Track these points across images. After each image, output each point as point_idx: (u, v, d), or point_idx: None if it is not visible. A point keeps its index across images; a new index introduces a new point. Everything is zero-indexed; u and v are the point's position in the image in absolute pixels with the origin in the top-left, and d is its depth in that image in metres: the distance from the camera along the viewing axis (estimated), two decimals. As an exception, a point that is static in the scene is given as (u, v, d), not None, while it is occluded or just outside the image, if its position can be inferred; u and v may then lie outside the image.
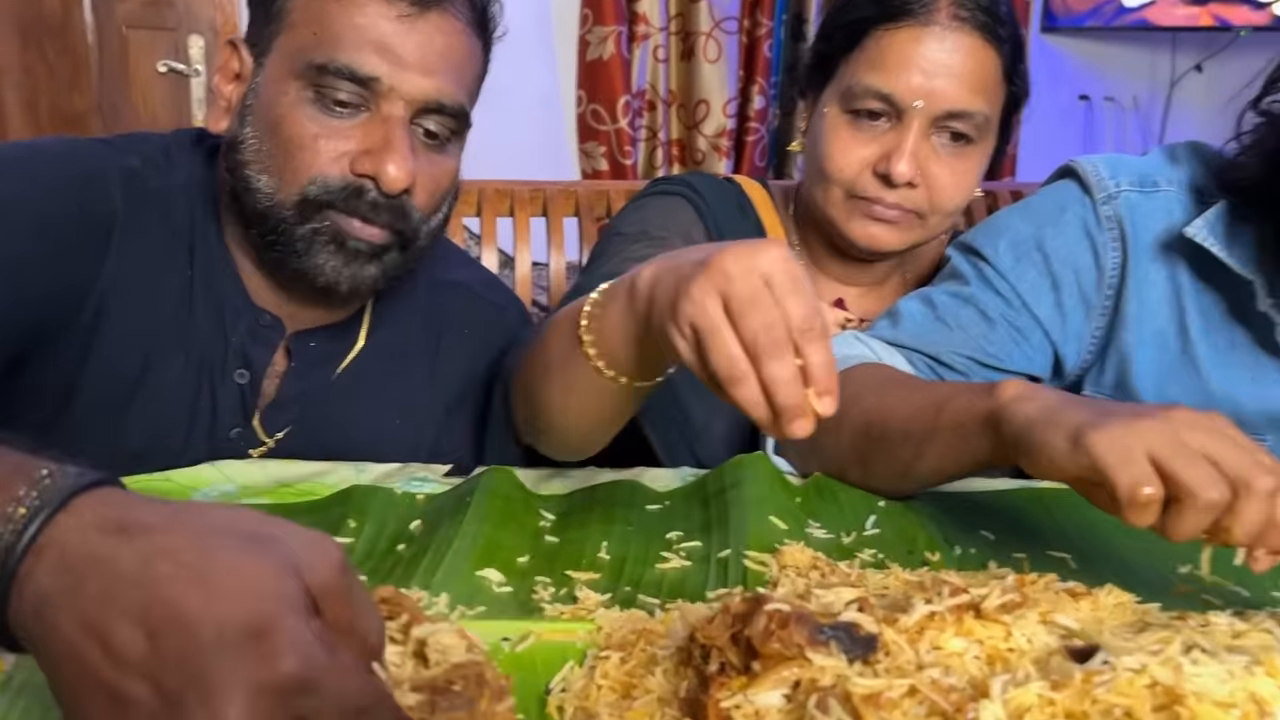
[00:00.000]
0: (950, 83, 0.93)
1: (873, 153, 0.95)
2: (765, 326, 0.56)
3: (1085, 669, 0.41)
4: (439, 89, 0.80)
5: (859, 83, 0.95)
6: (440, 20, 0.80)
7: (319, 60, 0.78)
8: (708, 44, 3.28)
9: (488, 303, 0.99)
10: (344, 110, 0.79)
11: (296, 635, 0.35)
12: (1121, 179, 0.91)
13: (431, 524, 0.72)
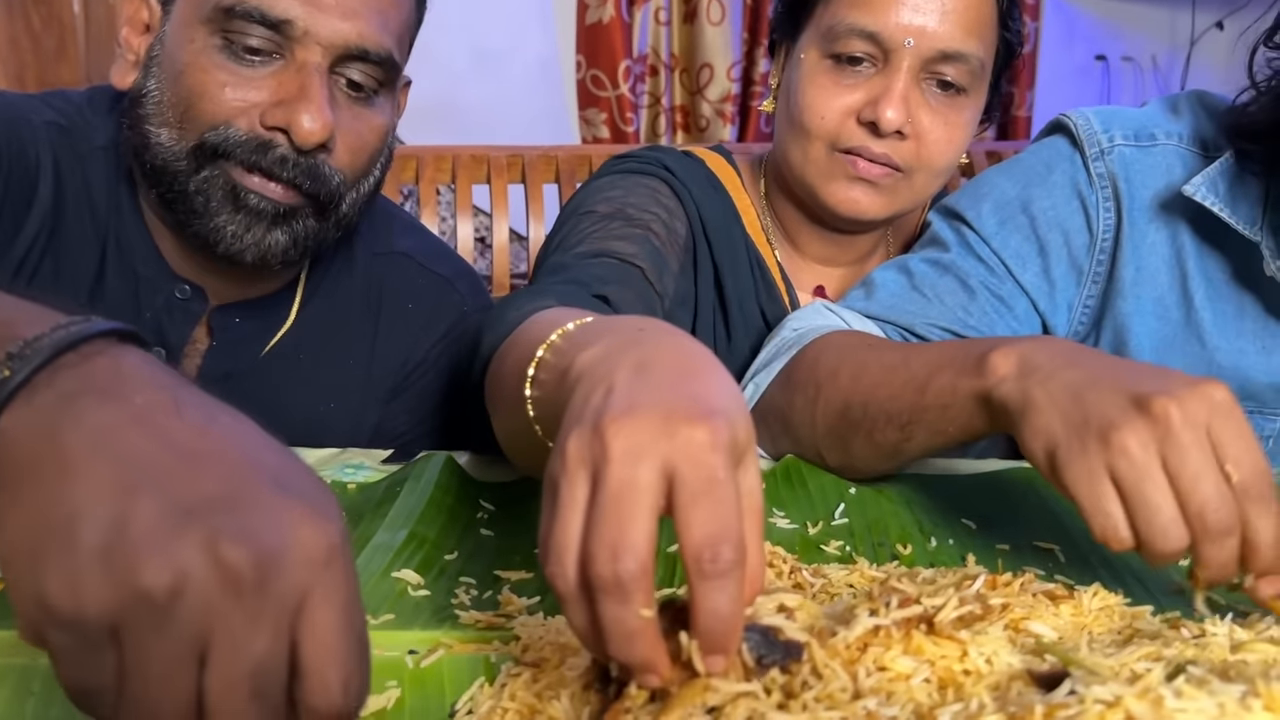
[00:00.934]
0: (942, 20, 0.84)
1: (858, 99, 0.86)
2: (610, 550, 0.37)
3: (1049, 701, 0.34)
4: (360, 33, 0.73)
5: (841, 21, 0.85)
6: None
7: (226, 2, 0.72)
8: (711, 5, 3.21)
9: (433, 274, 0.92)
10: (255, 58, 0.73)
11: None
12: (1116, 132, 0.83)
13: (355, 517, 0.65)
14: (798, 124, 0.89)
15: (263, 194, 0.74)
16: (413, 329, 0.88)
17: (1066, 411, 0.54)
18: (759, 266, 0.96)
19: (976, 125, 0.91)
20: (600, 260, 0.82)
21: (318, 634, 0.33)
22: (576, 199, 0.95)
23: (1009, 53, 0.91)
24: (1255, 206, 0.78)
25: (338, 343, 0.85)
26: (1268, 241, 0.77)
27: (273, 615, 0.32)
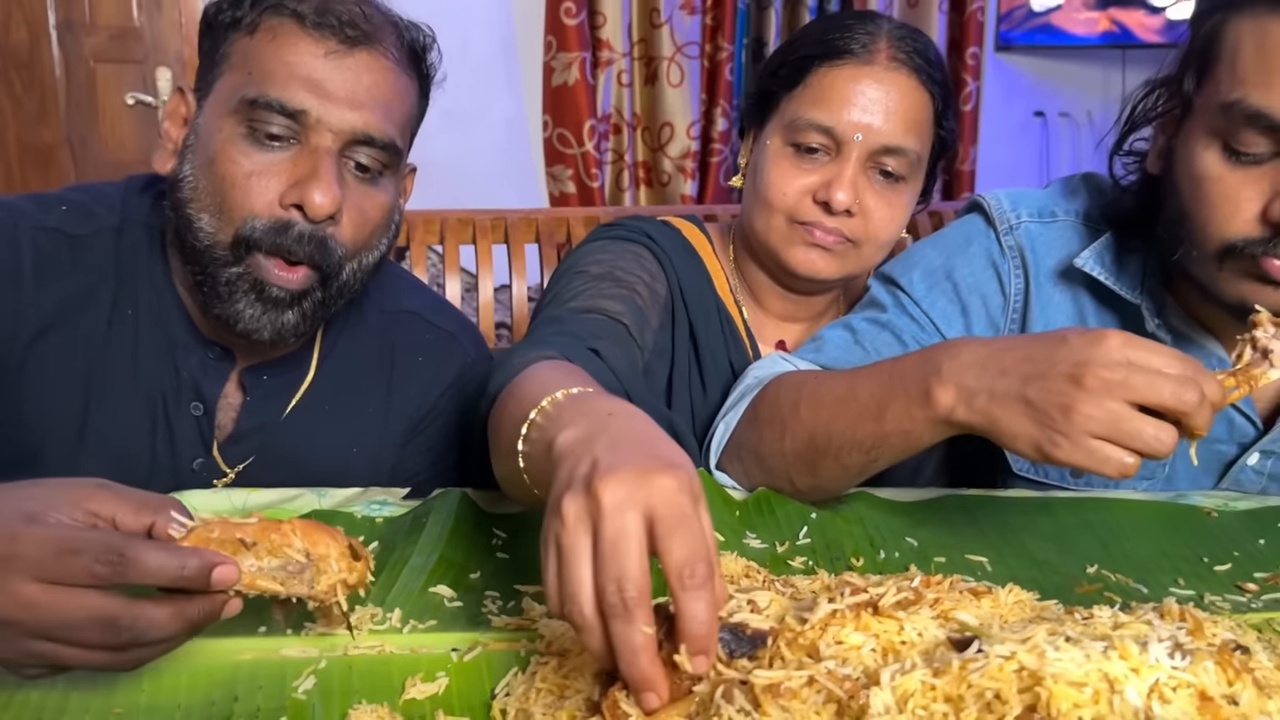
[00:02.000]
0: (886, 120, 0.99)
1: (814, 181, 1.00)
2: (616, 584, 0.48)
3: (963, 657, 0.46)
4: (366, 122, 0.84)
5: (802, 117, 1.00)
6: (369, 58, 0.85)
7: (250, 95, 0.83)
8: (670, 68, 3.34)
9: (439, 329, 1.03)
10: (275, 144, 0.83)
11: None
12: (1022, 211, 0.97)
13: (389, 545, 0.76)
14: (763, 199, 1.03)
15: (282, 285, 0.84)
16: (423, 380, 0.99)
17: (1027, 413, 0.68)
18: (728, 323, 1.09)
19: (914, 205, 1.06)
20: (591, 316, 0.94)
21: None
22: (571, 259, 1.07)
23: (943, 147, 1.06)
24: (1136, 274, 0.92)
25: (356, 394, 0.96)
26: (1147, 304, 0.91)
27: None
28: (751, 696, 0.44)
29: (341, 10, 0.84)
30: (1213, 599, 0.71)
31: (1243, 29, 0.78)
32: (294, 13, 0.83)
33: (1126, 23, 3.34)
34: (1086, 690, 0.43)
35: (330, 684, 0.58)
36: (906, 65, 0.99)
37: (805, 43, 1.03)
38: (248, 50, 0.84)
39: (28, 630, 0.51)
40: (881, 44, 0.99)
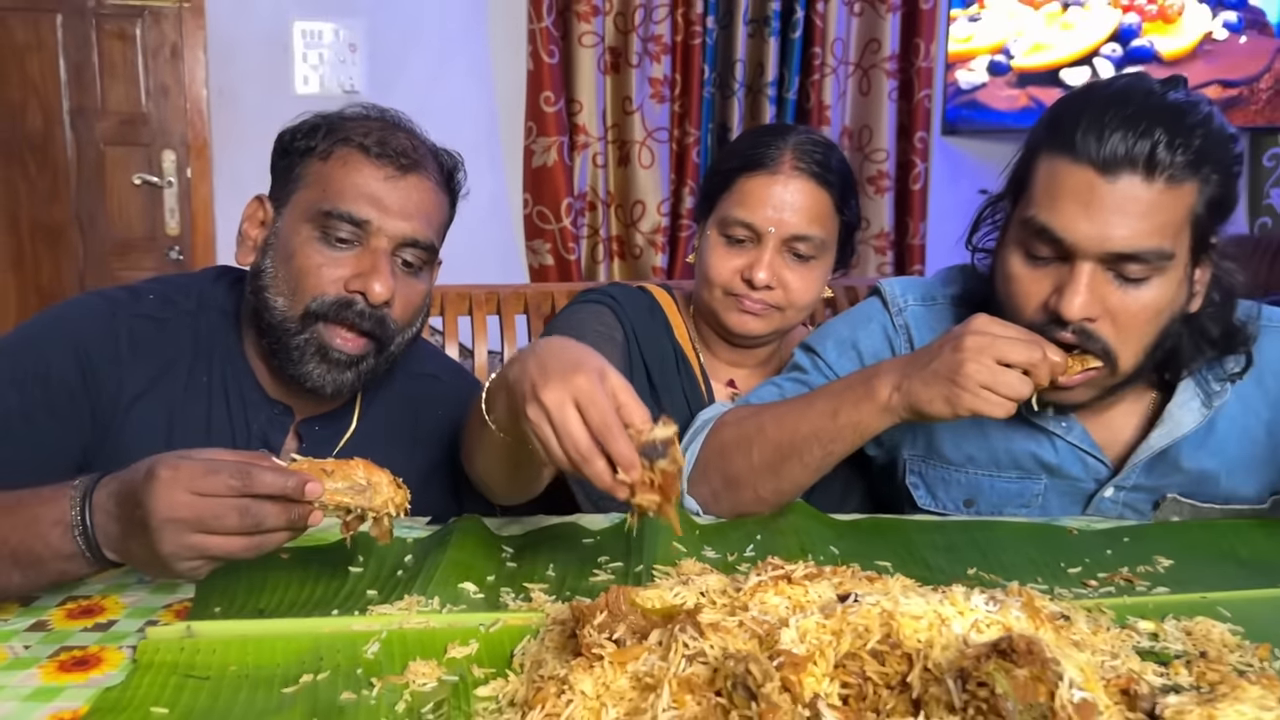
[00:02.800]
0: (793, 214, 1.26)
1: (741, 263, 1.28)
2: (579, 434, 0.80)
3: (844, 605, 0.67)
4: (414, 229, 1.06)
5: (730, 215, 1.28)
6: (416, 180, 1.07)
7: (326, 208, 1.05)
8: (642, 151, 3.59)
9: (454, 389, 1.24)
10: (343, 245, 1.05)
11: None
12: (909, 297, 1.21)
13: (421, 556, 0.96)
14: (705, 276, 1.31)
15: (343, 350, 1.05)
16: (441, 430, 1.19)
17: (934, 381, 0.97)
18: (685, 365, 1.35)
19: (829, 275, 1.32)
20: None
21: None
22: (553, 324, 1.35)
23: (849, 228, 1.32)
24: None
25: (388, 441, 1.16)
26: None
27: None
28: (699, 629, 0.65)
29: (396, 143, 1.06)
30: (1061, 591, 0.92)
31: (1041, 164, 1.01)
32: (360, 144, 1.05)
33: (1042, 99, 3.65)
34: (923, 622, 0.64)
35: (391, 648, 0.77)
36: (806, 171, 1.26)
37: (731, 157, 1.32)
38: (322, 172, 1.06)
39: (188, 525, 0.75)
40: (786, 156, 1.26)
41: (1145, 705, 0.64)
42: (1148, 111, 0.97)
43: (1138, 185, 0.97)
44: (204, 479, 0.74)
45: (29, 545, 0.80)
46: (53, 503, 0.81)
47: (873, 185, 3.82)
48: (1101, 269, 0.99)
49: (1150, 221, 0.97)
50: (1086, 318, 1.00)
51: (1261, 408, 1.12)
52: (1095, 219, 0.97)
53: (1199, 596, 0.89)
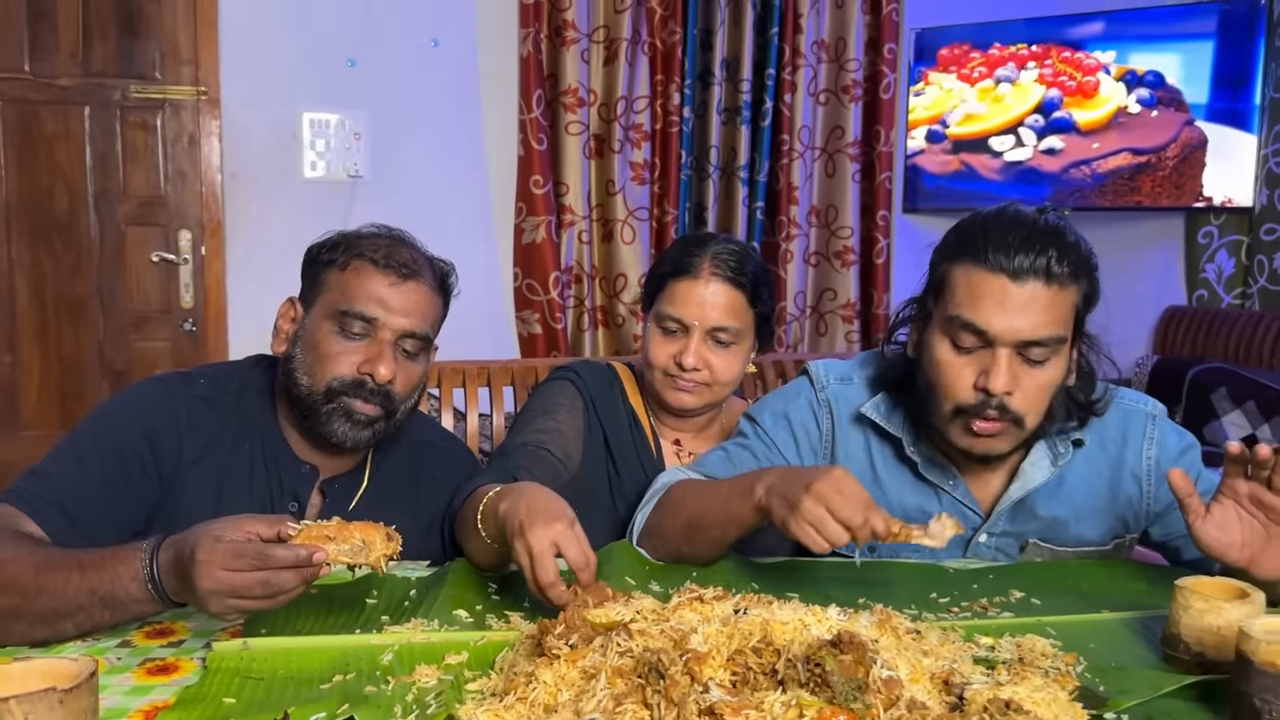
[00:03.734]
0: (712, 310, 1.54)
1: (674, 350, 1.55)
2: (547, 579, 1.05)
3: (736, 616, 0.91)
4: (412, 324, 1.33)
5: (663, 311, 1.56)
6: (415, 285, 1.34)
7: (343, 308, 1.31)
8: (624, 229, 3.87)
9: (450, 455, 1.50)
10: (355, 336, 1.31)
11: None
12: (830, 377, 1.46)
13: (423, 590, 1.20)
14: (646, 361, 1.58)
15: (363, 412, 1.31)
16: (437, 490, 1.43)
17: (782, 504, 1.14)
18: (638, 427, 1.61)
19: (749, 355, 1.59)
20: (523, 449, 1.47)
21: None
22: (531, 397, 1.62)
23: (763, 317, 1.58)
24: (900, 418, 1.40)
25: (394, 498, 1.40)
26: (907, 437, 1.39)
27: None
28: (629, 634, 0.89)
29: (399, 256, 1.33)
30: (928, 615, 1.15)
31: (958, 274, 1.28)
32: (370, 258, 1.32)
33: (971, 163, 3.99)
34: (790, 626, 0.88)
35: (402, 656, 1.01)
36: (720, 275, 1.54)
37: (664, 264, 1.60)
38: (341, 279, 1.33)
39: (225, 594, 0.98)
40: (705, 263, 1.54)
41: (956, 690, 0.88)
42: (1041, 232, 1.25)
43: (1040, 289, 1.24)
44: (233, 561, 0.97)
45: (115, 594, 1.04)
46: (128, 563, 1.05)
47: (839, 259, 4.10)
48: (1014, 355, 1.26)
49: (1050, 315, 1.25)
50: (1007, 392, 1.26)
51: (1104, 467, 1.38)
52: (1010, 315, 1.24)
53: (1034, 620, 1.13)
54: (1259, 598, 1.00)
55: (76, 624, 1.05)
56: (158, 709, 0.91)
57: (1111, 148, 3.68)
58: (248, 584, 0.97)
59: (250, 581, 0.97)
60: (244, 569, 0.97)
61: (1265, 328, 3.55)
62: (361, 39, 3.71)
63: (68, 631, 1.06)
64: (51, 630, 1.05)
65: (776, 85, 3.94)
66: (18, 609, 1.04)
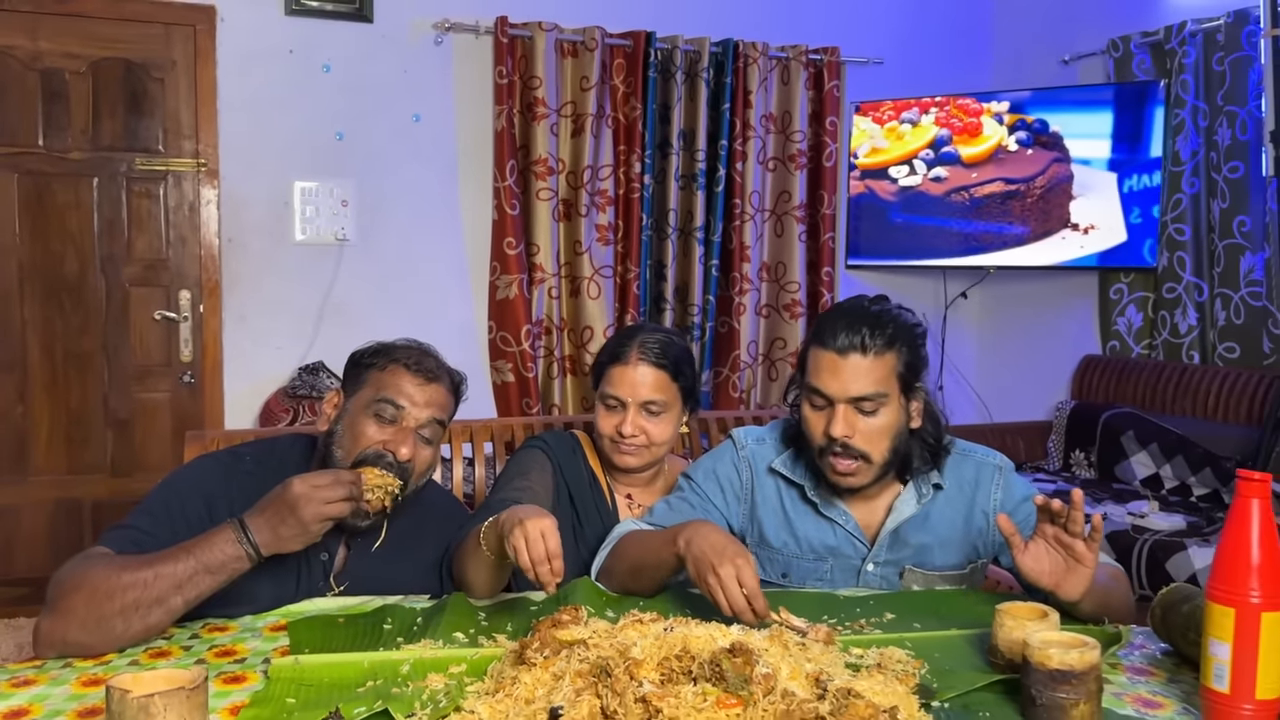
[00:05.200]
0: (642, 388, 1.88)
1: (615, 422, 1.89)
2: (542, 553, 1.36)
3: (665, 633, 1.24)
4: (432, 415, 1.67)
5: (605, 392, 1.92)
6: (436, 386, 1.69)
7: (379, 398, 1.65)
8: (590, 285, 4.21)
9: (447, 509, 1.83)
10: (385, 422, 1.65)
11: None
12: (749, 439, 1.81)
13: (428, 618, 1.53)
14: (597, 432, 1.92)
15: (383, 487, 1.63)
16: (437, 537, 1.76)
17: (698, 565, 1.46)
18: (596, 486, 1.95)
19: (680, 419, 1.94)
20: (503, 503, 1.76)
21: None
22: (505, 468, 1.94)
23: (687, 390, 1.93)
24: (803, 467, 1.75)
25: (403, 547, 1.72)
26: (808, 483, 1.75)
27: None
28: (586, 647, 1.22)
29: (426, 363, 1.69)
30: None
31: (810, 353, 1.68)
32: (404, 364, 1.67)
33: (874, 187, 4.59)
34: (703, 640, 1.22)
35: (417, 667, 1.34)
36: (646, 359, 1.89)
37: (604, 352, 1.96)
38: (379, 379, 1.67)
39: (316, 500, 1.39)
40: (634, 351, 1.90)
41: (823, 685, 1.22)
42: (860, 317, 1.64)
43: (859, 358, 1.63)
44: (318, 478, 1.43)
45: (216, 559, 1.41)
46: (223, 533, 1.43)
47: (788, 311, 4.47)
48: (850, 408, 1.63)
49: (870, 377, 1.64)
50: (845, 436, 1.63)
51: (961, 506, 1.75)
52: (840, 380, 1.64)
53: (897, 636, 1.48)
54: (1054, 618, 1.35)
55: (185, 596, 1.40)
56: (238, 708, 1.24)
57: (987, 177, 4.32)
58: (331, 491, 1.42)
59: (332, 486, 1.42)
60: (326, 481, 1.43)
61: (1167, 377, 3.95)
62: (349, 115, 4.05)
63: (178, 605, 1.41)
64: (166, 610, 1.40)
65: (729, 154, 4.33)
66: (137, 601, 1.38)
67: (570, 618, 1.35)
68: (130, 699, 1.05)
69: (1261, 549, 1.15)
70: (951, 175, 4.38)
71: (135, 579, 1.38)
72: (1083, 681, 1.18)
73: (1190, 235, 3.88)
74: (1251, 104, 3.61)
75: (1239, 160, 3.67)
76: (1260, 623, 1.14)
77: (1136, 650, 1.46)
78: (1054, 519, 1.45)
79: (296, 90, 3.98)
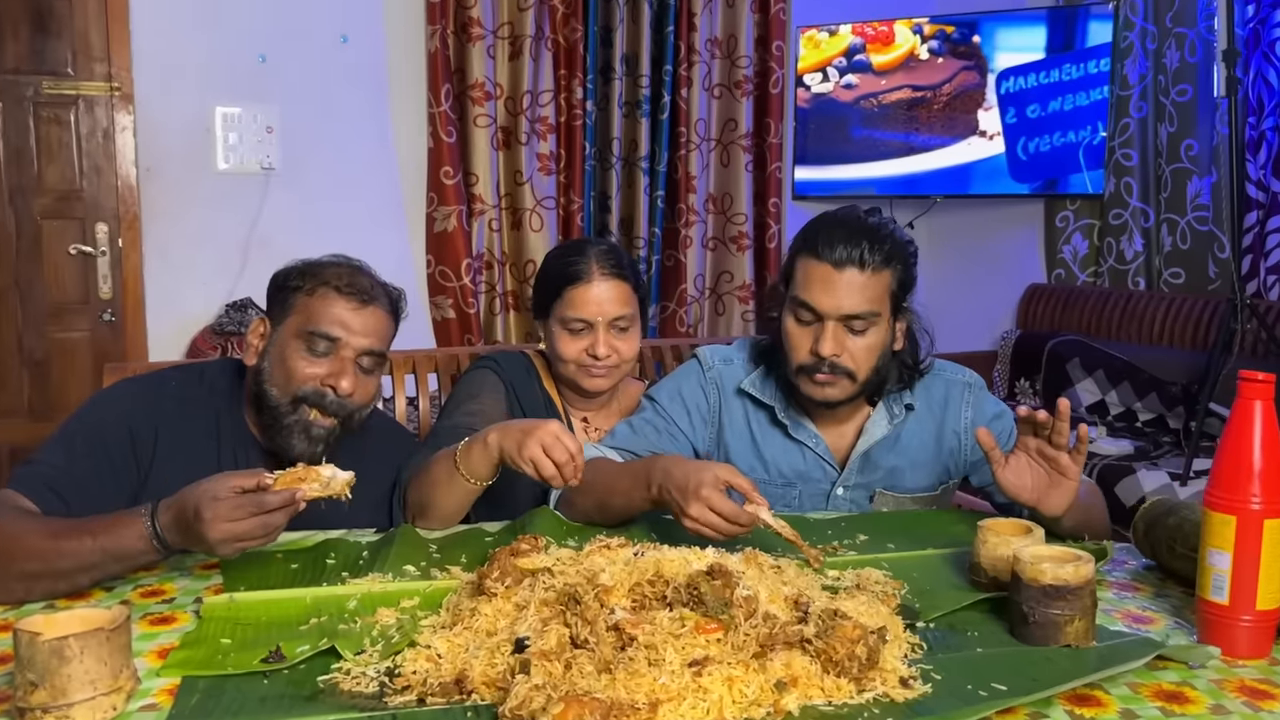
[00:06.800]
0: (609, 305, 1.76)
1: (583, 345, 1.77)
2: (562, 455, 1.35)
3: (635, 558, 1.15)
4: (370, 343, 1.54)
5: (567, 315, 1.77)
6: (373, 309, 1.55)
7: (309, 329, 1.52)
8: (532, 217, 4.07)
9: (392, 438, 1.71)
10: (320, 355, 1.51)
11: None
12: (716, 359, 1.72)
13: (375, 551, 1.42)
14: (558, 357, 1.79)
15: (321, 425, 1.51)
16: (384, 470, 1.64)
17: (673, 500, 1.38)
18: (551, 408, 1.84)
19: (641, 334, 1.82)
20: (454, 430, 1.67)
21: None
22: (459, 384, 1.83)
23: (643, 301, 1.84)
24: (773, 388, 1.67)
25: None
26: (779, 404, 1.66)
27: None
28: (551, 574, 1.13)
29: (359, 283, 1.54)
30: (791, 555, 1.42)
31: (799, 264, 1.56)
32: (334, 286, 1.53)
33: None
34: (676, 563, 1.13)
35: (365, 602, 1.23)
36: (609, 271, 1.77)
37: (554, 274, 1.81)
38: (307, 304, 1.53)
39: (231, 540, 1.21)
40: (593, 267, 1.77)
41: (803, 607, 1.14)
42: (858, 230, 1.53)
43: (855, 274, 1.52)
44: (234, 513, 1.21)
45: (124, 549, 1.26)
46: (132, 525, 1.26)
47: (735, 244, 4.38)
48: (840, 325, 1.53)
49: (865, 294, 1.54)
50: (834, 355, 1.54)
51: (931, 426, 1.68)
52: (833, 295, 1.53)
53: (872, 557, 1.41)
54: (1039, 533, 1.29)
55: (92, 578, 1.27)
56: (166, 650, 1.12)
57: (894, 84, 4.34)
58: (250, 528, 1.21)
59: (251, 525, 1.21)
60: (244, 517, 1.21)
61: (1113, 304, 3.95)
62: (272, 35, 3.82)
63: (84, 584, 1.27)
64: (70, 584, 1.26)
65: (674, 80, 4.18)
66: (39, 572, 1.24)
67: (530, 546, 1.25)
68: (41, 642, 0.94)
69: (1264, 453, 1.09)
70: (862, 82, 4.37)
71: (38, 549, 1.25)
72: (1078, 597, 1.12)
73: (1138, 160, 3.86)
74: (1201, 25, 3.58)
75: (1187, 83, 3.64)
76: (1262, 530, 1.09)
77: (1119, 566, 1.41)
78: (1037, 430, 1.39)
79: (215, 9, 3.74)
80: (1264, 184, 3.35)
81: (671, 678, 0.97)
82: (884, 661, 1.04)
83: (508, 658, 1.02)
